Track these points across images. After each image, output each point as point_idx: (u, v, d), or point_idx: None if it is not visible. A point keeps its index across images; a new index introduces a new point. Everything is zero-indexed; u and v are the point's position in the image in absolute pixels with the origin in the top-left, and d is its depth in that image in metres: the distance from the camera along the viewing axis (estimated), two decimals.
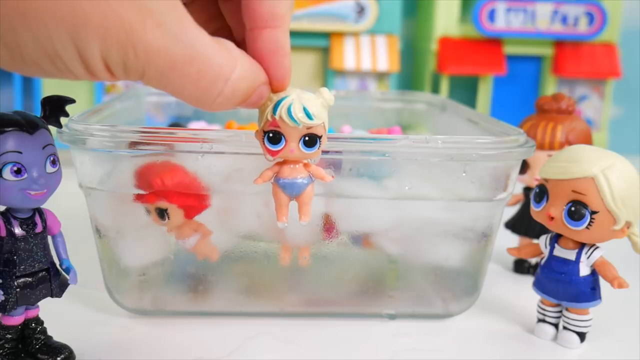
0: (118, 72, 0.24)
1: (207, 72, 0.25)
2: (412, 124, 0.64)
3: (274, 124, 0.30)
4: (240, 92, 0.27)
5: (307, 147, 0.31)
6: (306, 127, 0.30)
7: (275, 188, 0.32)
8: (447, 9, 0.86)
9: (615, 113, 1.00)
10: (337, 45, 0.84)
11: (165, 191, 0.37)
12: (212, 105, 0.27)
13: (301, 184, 0.32)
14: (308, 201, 0.32)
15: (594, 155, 0.36)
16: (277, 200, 0.32)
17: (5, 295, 0.32)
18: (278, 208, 0.33)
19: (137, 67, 0.24)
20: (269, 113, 0.30)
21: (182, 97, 0.26)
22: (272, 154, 0.31)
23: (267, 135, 0.30)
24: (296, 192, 0.32)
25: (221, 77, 0.26)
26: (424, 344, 0.39)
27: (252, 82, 0.28)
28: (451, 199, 0.39)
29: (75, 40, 0.22)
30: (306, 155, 0.31)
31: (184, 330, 0.40)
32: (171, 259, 0.40)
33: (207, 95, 0.26)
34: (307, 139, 0.31)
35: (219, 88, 0.26)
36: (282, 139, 0.30)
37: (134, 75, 0.25)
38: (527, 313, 0.43)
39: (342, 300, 0.42)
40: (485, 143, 0.37)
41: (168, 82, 0.25)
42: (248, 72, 0.27)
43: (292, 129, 0.30)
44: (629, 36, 0.95)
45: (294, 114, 0.29)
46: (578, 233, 0.37)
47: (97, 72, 0.24)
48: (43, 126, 0.31)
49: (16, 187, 0.30)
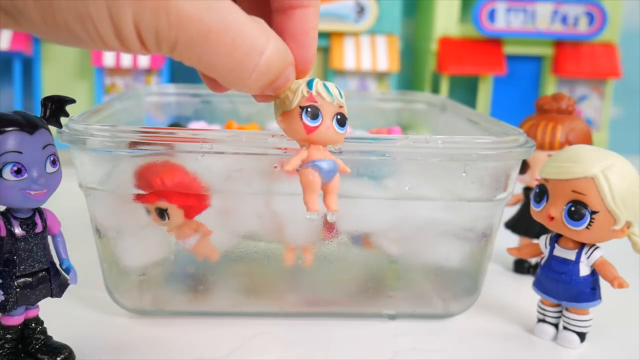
0: (149, 41, 0.24)
1: (243, 43, 0.25)
2: (412, 124, 0.64)
3: (311, 99, 0.30)
4: (275, 68, 0.27)
5: (340, 126, 0.31)
6: (338, 105, 0.30)
7: (307, 173, 0.30)
8: (447, 9, 0.86)
9: (615, 113, 1.00)
10: (337, 45, 0.84)
11: (165, 191, 0.37)
12: (247, 81, 0.26)
13: (335, 165, 0.31)
14: (337, 188, 0.31)
15: (594, 155, 0.36)
16: (310, 185, 0.30)
17: (5, 295, 0.32)
18: (310, 195, 0.30)
19: (170, 35, 0.23)
20: (304, 89, 0.29)
21: (216, 71, 0.25)
22: (309, 130, 0.30)
23: (306, 110, 0.30)
24: (332, 173, 0.31)
25: (256, 49, 0.25)
26: (424, 344, 0.39)
27: (283, 60, 0.27)
28: (451, 199, 0.39)
29: (108, 2, 0.22)
30: (338, 135, 0.31)
31: (184, 330, 0.40)
32: (171, 259, 0.40)
33: (242, 69, 0.25)
34: (339, 118, 0.31)
35: (255, 61, 0.25)
36: (319, 115, 0.30)
37: (165, 46, 0.24)
38: (527, 313, 0.43)
39: (342, 300, 0.42)
40: (485, 143, 0.37)
41: (202, 54, 0.24)
42: (281, 48, 0.27)
43: (328, 105, 0.30)
44: (629, 36, 0.95)
45: (330, 89, 0.30)
46: (578, 233, 0.37)
47: (128, 39, 0.23)
48: (43, 126, 0.31)
49: (16, 187, 0.30)
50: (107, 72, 0.82)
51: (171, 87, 0.63)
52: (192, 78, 0.91)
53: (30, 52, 0.80)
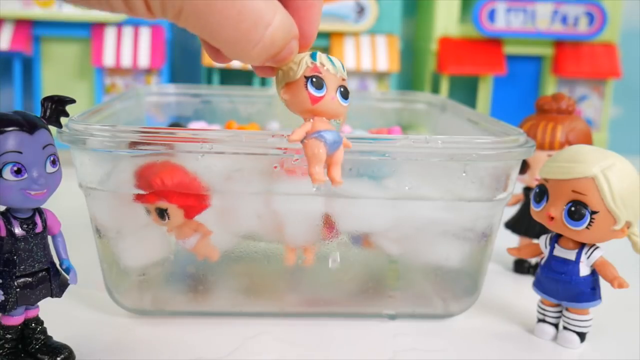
0: (155, 6, 0.23)
1: (249, 15, 0.25)
2: (412, 124, 0.64)
3: (316, 69, 0.30)
4: (279, 41, 0.27)
5: (343, 98, 0.31)
6: (341, 78, 0.31)
7: (312, 143, 0.31)
8: (447, 9, 0.86)
9: (615, 113, 1.00)
10: (337, 45, 0.84)
11: (165, 191, 0.37)
12: (250, 53, 0.26)
13: (339, 137, 0.31)
14: (341, 160, 0.32)
15: (594, 155, 0.36)
16: (316, 156, 0.31)
17: (5, 295, 0.32)
18: (315, 165, 0.30)
19: (174, 4, 0.23)
20: (308, 60, 0.30)
21: (220, 41, 0.25)
22: (315, 100, 0.30)
23: (310, 80, 0.30)
24: (337, 144, 0.31)
25: (262, 21, 0.25)
26: (424, 344, 0.39)
27: (288, 33, 0.27)
28: (451, 199, 0.39)
29: None
30: (342, 107, 0.31)
31: (184, 330, 0.40)
32: (171, 259, 0.40)
33: (247, 40, 0.25)
34: (343, 90, 0.31)
35: (260, 33, 0.25)
36: (324, 85, 0.30)
37: (171, 11, 0.24)
38: (527, 313, 0.43)
39: (342, 300, 0.42)
40: (485, 143, 0.37)
41: (206, 22, 0.24)
42: (286, 22, 0.27)
43: (331, 77, 0.30)
44: (629, 36, 0.95)
45: (334, 60, 0.30)
46: (578, 233, 0.37)
47: (135, 4, 0.23)
48: (43, 126, 0.31)
49: (16, 187, 0.30)
50: (107, 72, 0.82)
51: (171, 87, 0.63)
52: (192, 78, 0.91)
53: (30, 52, 0.80)
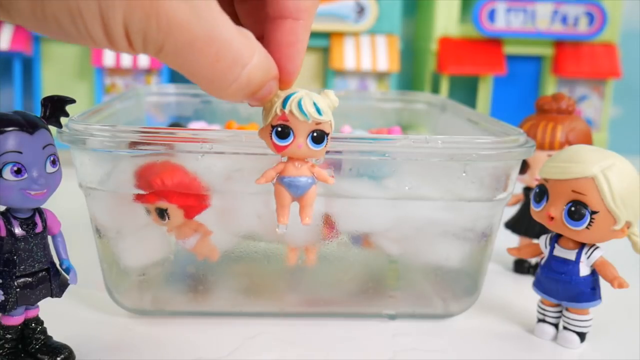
0: (137, 42, 0.24)
1: (226, 55, 0.25)
2: (412, 124, 0.64)
3: (283, 117, 0.30)
4: (256, 81, 0.27)
5: (315, 143, 0.31)
6: (315, 122, 0.30)
7: (278, 188, 0.32)
8: (447, 9, 0.86)
9: (615, 113, 1.00)
10: (337, 45, 0.84)
11: (165, 191, 0.37)
12: (226, 91, 0.27)
13: (306, 183, 0.32)
14: (311, 202, 0.32)
15: (594, 155, 0.36)
16: (280, 200, 0.32)
17: (5, 295, 0.32)
18: (280, 209, 0.32)
19: (157, 39, 0.24)
20: (278, 107, 0.30)
21: (197, 79, 0.26)
22: (279, 149, 0.31)
23: (276, 130, 0.30)
24: (301, 191, 0.32)
25: (239, 62, 0.26)
26: (424, 344, 0.39)
27: (266, 73, 0.28)
28: (451, 199, 0.39)
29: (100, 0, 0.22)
30: (313, 152, 0.31)
31: (184, 330, 0.40)
32: (171, 259, 0.40)
33: (223, 80, 0.26)
34: (315, 135, 0.31)
35: (236, 73, 0.26)
36: (291, 134, 0.30)
37: (152, 48, 0.24)
38: (527, 313, 0.43)
39: (342, 300, 0.42)
40: (485, 143, 0.37)
41: (185, 60, 0.25)
42: (264, 62, 0.27)
43: (301, 124, 0.30)
44: (629, 36, 0.95)
45: (305, 107, 0.30)
46: (578, 233, 0.37)
47: (116, 38, 0.24)
48: (43, 126, 0.31)
49: (16, 187, 0.30)
50: (107, 72, 0.82)
51: (171, 87, 0.63)
52: None
53: (30, 52, 0.80)
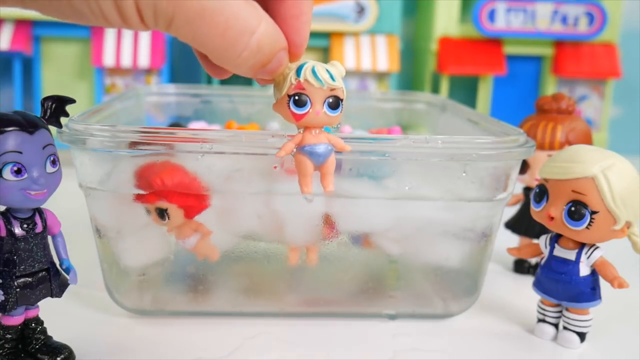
0: (148, 16, 0.25)
1: (235, 24, 0.26)
2: (412, 124, 0.64)
3: (299, 86, 0.30)
4: (265, 49, 0.28)
5: (331, 109, 0.31)
6: (330, 88, 0.31)
7: (299, 158, 0.32)
8: (447, 9, 0.86)
9: (615, 113, 1.00)
10: (337, 45, 0.84)
11: (165, 191, 0.37)
12: (237, 60, 0.27)
13: (326, 150, 0.32)
14: (332, 170, 0.33)
15: (594, 155, 0.36)
16: (301, 170, 0.32)
17: (5, 295, 0.32)
18: (302, 179, 0.32)
19: (167, 12, 0.25)
20: (293, 77, 0.30)
21: (208, 49, 0.27)
22: (298, 118, 0.31)
23: (293, 99, 0.31)
24: (322, 158, 0.32)
25: (248, 29, 0.27)
26: (424, 344, 0.39)
27: (275, 42, 0.28)
28: (451, 199, 0.39)
29: None
30: (331, 118, 0.32)
31: (184, 330, 0.40)
32: (171, 259, 0.40)
33: (233, 48, 0.27)
34: (331, 101, 0.31)
35: (245, 41, 0.27)
36: (308, 102, 0.31)
37: (162, 22, 0.25)
38: (527, 313, 0.43)
39: (342, 300, 0.42)
40: (485, 143, 0.37)
41: (196, 31, 0.26)
42: (272, 31, 0.28)
43: (317, 90, 0.31)
44: (629, 36, 0.95)
45: (319, 74, 0.30)
46: (578, 233, 0.37)
47: (128, 14, 0.24)
48: (43, 126, 0.31)
49: (16, 187, 0.30)
50: (107, 72, 0.82)
51: (171, 87, 0.63)
52: (192, 78, 0.91)
53: (30, 52, 0.80)
